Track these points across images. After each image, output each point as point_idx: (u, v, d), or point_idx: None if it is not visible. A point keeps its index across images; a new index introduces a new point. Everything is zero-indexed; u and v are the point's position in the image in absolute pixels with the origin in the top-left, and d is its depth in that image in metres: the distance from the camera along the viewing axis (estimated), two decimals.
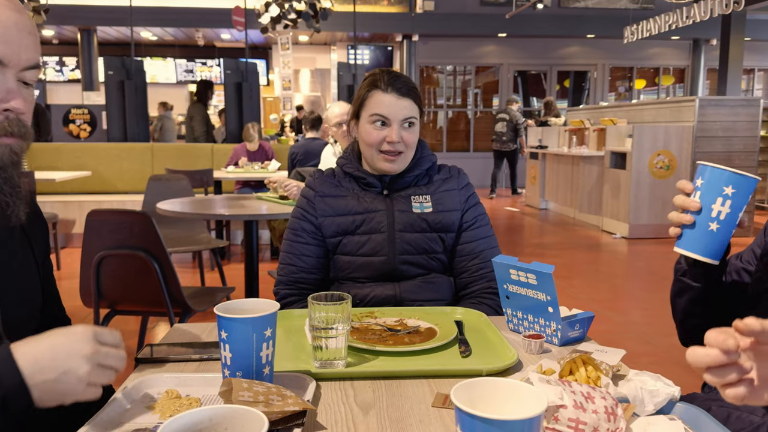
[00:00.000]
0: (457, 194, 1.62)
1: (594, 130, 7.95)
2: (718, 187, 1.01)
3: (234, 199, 3.58)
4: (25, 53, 0.92)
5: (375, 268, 1.54)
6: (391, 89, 1.53)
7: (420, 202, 1.57)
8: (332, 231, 1.56)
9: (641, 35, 8.91)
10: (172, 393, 0.94)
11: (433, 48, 12.73)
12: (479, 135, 13.38)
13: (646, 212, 6.66)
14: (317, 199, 1.60)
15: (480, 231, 1.61)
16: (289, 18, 7.28)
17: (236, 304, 0.96)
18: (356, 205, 1.57)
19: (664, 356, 3.36)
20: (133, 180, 6.68)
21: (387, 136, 1.53)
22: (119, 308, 2.52)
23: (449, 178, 1.64)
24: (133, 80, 7.58)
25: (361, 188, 1.61)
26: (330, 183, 1.63)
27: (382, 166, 1.56)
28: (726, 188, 1.00)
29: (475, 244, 1.60)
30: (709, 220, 1.02)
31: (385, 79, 1.55)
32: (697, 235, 1.03)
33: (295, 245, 1.59)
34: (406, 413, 0.92)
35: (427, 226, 1.56)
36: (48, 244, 1.17)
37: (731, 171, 1.00)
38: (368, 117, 1.55)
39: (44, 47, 14.03)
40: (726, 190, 1.00)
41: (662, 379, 0.92)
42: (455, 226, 1.59)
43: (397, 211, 1.56)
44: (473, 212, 1.62)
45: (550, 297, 1.19)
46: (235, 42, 13.67)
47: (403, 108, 1.53)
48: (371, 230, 1.55)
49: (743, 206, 1.01)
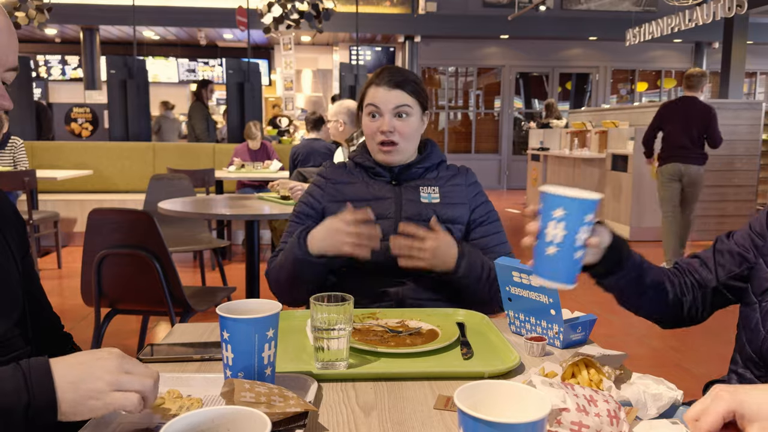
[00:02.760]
0: (465, 189, 1.65)
1: (596, 133, 7.95)
2: (550, 211, 0.98)
3: (235, 199, 3.58)
4: (12, 55, 0.94)
5: (379, 251, 1.52)
6: (383, 82, 1.60)
7: (428, 193, 1.61)
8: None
9: (643, 38, 8.90)
10: (174, 393, 0.94)
11: (435, 49, 12.74)
12: (481, 136, 13.38)
13: (647, 215, 6.65)
14: (328, 185, 1.65)
15: (491, 227, 1.65)
16: (291, 18, 7.28)
17: (238, 304, 0.96)
18: (365, 192, 1.61)
19: (666, 360, 3.36)
20: (135, 179, 6.68)
21: (380, 125, 1.58)
22: (120, 307, 2.52)
23: (457, 174, 1.68)
24: (135, 79, 7.58)
25: (370, 177, 1.65)
26: (341, 171, 1.68)
27: (379, 157, 1.61)
28: (556, 211, 0.97)
29: (489, 239, 1.63)
30: (545, 244, 0.99)
31: (379, 73, 1.62)
32: (539, 261, 1.01)
33: (296, 226, 1.61)
34: (408, 415, 0.92)
35: (435, 216, 1.57)
36: (26, 240, 1.17)
37: (560, 194, 0.97)
38: (364, 109, 1.62)
39: (47, 46, 14.06)
40: (557, 213, 0.97)
41: (665, 383, 0.92)
42: (463, 219, 1.62)
43: (405, 200, 1.60)
44: (484, 208, 1.66)
45: (552, 299, 1.19)
46: (237, 42, 13.68)
47: (393, 98, 1.58)
48: (378, 216, 1.56)
49: (578, 228, 0.97)
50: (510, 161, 13.21)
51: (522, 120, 13.38)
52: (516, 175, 12.93)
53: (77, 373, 0.80)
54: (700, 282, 1.25)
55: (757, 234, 1.19)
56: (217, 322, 0.96)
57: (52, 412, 0.78)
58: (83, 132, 9.44)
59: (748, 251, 1.19)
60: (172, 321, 2.39)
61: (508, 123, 13.25)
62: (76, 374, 0.80)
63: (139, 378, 0.82)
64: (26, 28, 6.68)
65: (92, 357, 0.82)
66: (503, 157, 13.23)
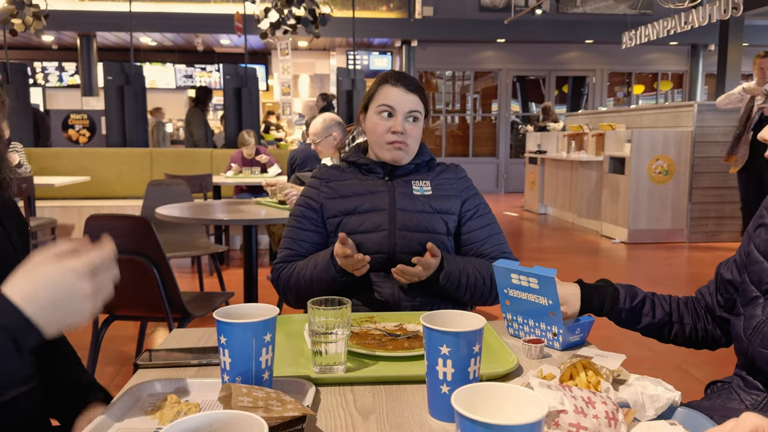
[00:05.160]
0: (455, 182, 1.69)
1: (593, 135, 7.96)
2: (437, 347, 0.89)
3: (233, 204, 3.58)
4: None
5: (375, 242, 1.57)
6: (400, 84, 1.62)
7: (420, 186, 1.65)
8: (334, 211, 1.62)
9: (639, 41, 8.93)
10: (172, 398, 0.94)
11: (432, 53, 12.76)
12: (478, 140, 13.40)
13: (645, 217, 6.66)
14: (322, 185, 1.67)
15: (483, 219, 1.67)
16: (288, 23, 7.29)
17: (236, 309, 0.96)
18: (359, 187, 1.64)
19: (664, 361, 3.36)
20: (133, 185, 6.68)
21: (392, 126, 1.60)
22: (118, 313, 2.51)
23: (446, 170, 1.73)
24: (133, 85, 7.58)
25: (363, 174, 1.68)
26: (334, 171, 1.71)
27: (388, 155, 1.63)
28: (442, 348, 0.89)
29: (481, 231, 1.66)
30: (438, 382, 0.90)
31: (394, 75, 1.65)
32: (434, 401, 0.92)
33: (294, 230, 1.65)
34: (406, 419, 0.91)
35: (428, 207, 1.62)
36: (27, 232, 1.17)
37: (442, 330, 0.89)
38: (376, 108, 1.63)
39: (44, 52, 14.06)
40: (443, 350, 0.89)
41: (663, 384, 0.92)
42: (455, 209, 1.65)
43: (398, 193, 1.63)
44: (473, 201, 1.68)
45: (552, 301, 1.19)
46: (234, 47, 13.69)
47: (409, 101, 1.62)
48: (372, 208, 1.60)
49: (468, 361, 0.89)
50: (508, 164, 13.22)
51: (519, 123, 13.40)
52: (514, 179, 12.94)
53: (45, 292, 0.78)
54: (708, 309, 1.31)
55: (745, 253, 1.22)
56: (214, 327, 0.96)
57: (32, 329, 0.76)
58: (81, 138, 9.43)
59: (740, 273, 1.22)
60: (170, 327, 2.38)
61: (505, 126, 13.27)
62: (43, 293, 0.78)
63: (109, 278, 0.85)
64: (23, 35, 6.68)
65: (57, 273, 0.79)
66: (501, 160, 13.24)
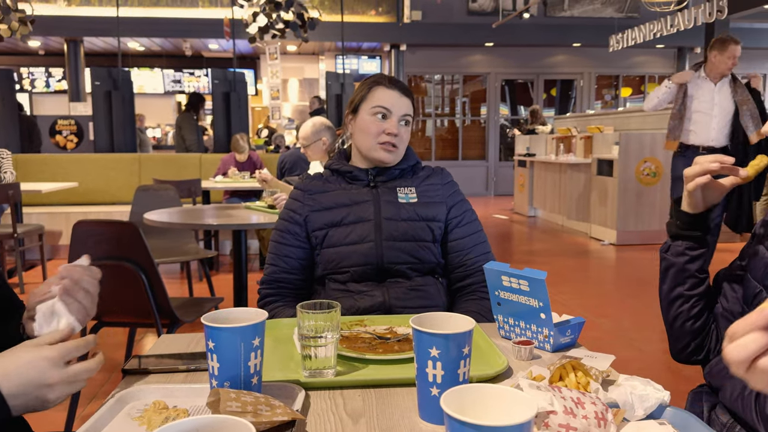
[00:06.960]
0: (441, 188, 1.68)
1: (581, 138, 8.01)
2: (427, 349, 0.90)
3: (222, 209, 3.56)
4: None
5: (362, 254, 1.56)
6: (395, 87, 1.63)
7: (405, 194, 1.64)
8: (319, 224, 1.60)
9: (626, 44, 8.99)
10: (160, 404, 0.93)
11: (421, 57, 12.80)
12: (468, 143, 13.44)
13: (633, 219, 6.70)
14: (306, 197, 1.65)
15: (469, 227, 1.66)
16: (276, 28, 7.29)
17: (224, 313, 0.95)
18: (343, 198, 1.62)
19: (653, 361, 3.37)
20: (121, 190, 6.64)
21: (387, 128, 1.60)
22: (106, 320, 2.49)
23: (432, 174, 1.71)
24: (120, 91, 7.55)
25: (347, 182, 1.67)
26: (317, 182, 1.69)
27: (380, 156, 1.62)
28: (432, 350, 0.89)
29: (467, 239, 1.64)
30: (428, 385, 0.91)
31: (388, 78, 1.66)
32: (425, 404, 0.92)
33: (279, 246, 1.64)
34: (396, 422, 0.91)
35: (414, 215, 1.60)
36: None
37: (431, 333, 0.89)
38: (369, 109, 1.62)
39: (30, 58, 13.96)
40: (432, 352, 0.89)
41: (652, 384, 0.92)
42: (441, 216, 1.64)
43: (383, 201, 1.61)
44: (459, 208, 1.67)
45: (542, 303, 1.19)
46: (222, 52, 13.66)
47: (403, 104, 1.63)
48: (358, 219, 1.59)
49: (458, 363, 0.90)
50: (497, 167, 13.27)
51: (507, 127, 13.45)
52: (503, 182, 12.99)
53: (14, 374, 0.82)
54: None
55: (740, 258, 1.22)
56: (203, 332, 0.95)
57: (3, 405, 0.79)
58: (68, 144, 9.37)
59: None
60: (159, 333, 2.37)
61: (494, 130, 13.32)
62: (13, 376, 0.81)
63: (81, 368, 0.86)
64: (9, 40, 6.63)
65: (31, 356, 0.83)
66: (490, 163, 13.28)
